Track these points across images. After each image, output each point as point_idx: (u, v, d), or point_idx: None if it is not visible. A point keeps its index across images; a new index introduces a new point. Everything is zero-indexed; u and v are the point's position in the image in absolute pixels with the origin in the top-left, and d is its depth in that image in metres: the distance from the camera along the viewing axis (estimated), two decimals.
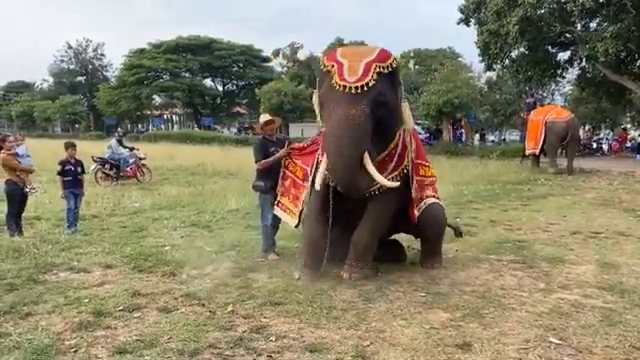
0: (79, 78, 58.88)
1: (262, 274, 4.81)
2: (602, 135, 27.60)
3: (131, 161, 13.25)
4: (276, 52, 43.00)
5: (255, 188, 5.50)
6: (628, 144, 23.48)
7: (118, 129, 18.53)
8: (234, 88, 51.08)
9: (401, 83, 4.56)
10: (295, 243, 5.83)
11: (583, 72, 21.21)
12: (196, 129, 41.79)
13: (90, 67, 58.47)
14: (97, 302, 4.05)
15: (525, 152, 15.70)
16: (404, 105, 4.47)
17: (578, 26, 18.15)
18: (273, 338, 3.42)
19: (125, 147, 13.65)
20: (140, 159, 13.51)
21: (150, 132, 41.93)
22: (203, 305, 4.02)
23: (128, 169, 13.15)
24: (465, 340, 3.37)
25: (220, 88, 50.64)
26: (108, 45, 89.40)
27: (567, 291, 4.38)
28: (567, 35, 18.85)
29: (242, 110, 53.53)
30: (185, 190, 11.31)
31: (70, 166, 7.06)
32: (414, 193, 4.76)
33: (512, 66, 20.30)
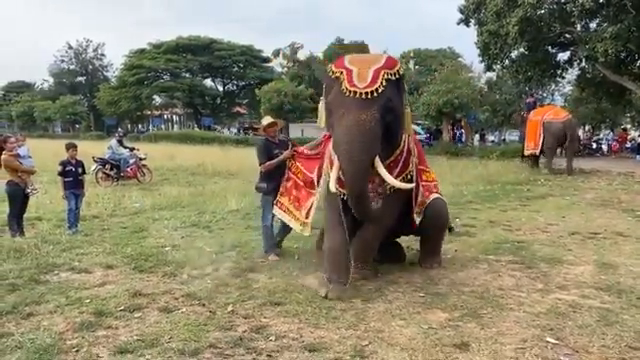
0: (79, 78, 58.97)
1: (262, 274, 4.85)
2: (602, 135, 27.58)
3: (131, 161, 13.27)
4: (276, 52, 42.97)
5: (258, 189, 5.57)
6: (628, 144, 23.51)
7: (118, 129, 18.56)
8: (234, 88, 51.14)
9: (406, 90, 4.61)
10: (295, 244, 5.87)
11: (583, 72, 21.24)
12: (196, 129, 41.89)
13: (90, 67, 58.54)
14: (98, 302, 4.08)
15: (524, 152, 15.70)
16: (406, 112, 4.53)
17: (578, 26, 18.15)
18: (273, 338, 3.45)
19: (125, 147, 13.67)
20: (140, 159, 13.54)
21: (150, 132, 42.05)
22: (203, 305, 4.05)
23: (128, 169, 13.16)
24: (463, 340, 3.40)
25: (220, 88, 50.69)
26: (108, 45, 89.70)
27: (565, 291, 4.41)
28: (567, 35, 18.87)
29: (242, 110, 53.61)
30: (185, 190, 11.31)
31: (71, 167, 7.09)
32: (420, 198, 4.80)
33: (512, 66, 20.31)
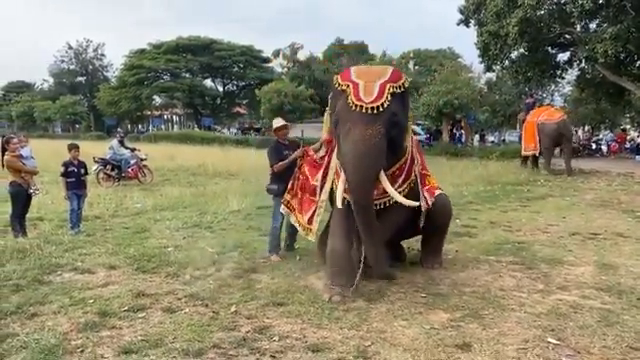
0: (79, 78, 58.89)
1: (264, 275, 4.88)
2: (601, 136, 27.60)
3: (133, 162, 13.28)
4: (276, 52, 43.05)
5: (269, 191, 5.63)
6: (627, 145, 23.51)
7: (119, 130, 18.52)
8: (234, 88, 51.07)
9: (409, 104, 4.67)
10: (296, 244, 5.89)
11: (582, 73, 21.26)
12: (196, 129, 41.84)
13: (90, 67, 58.47)
14: (102, 302, 4.11)
15: (522, 154, 15.70)
16: (409, 124, 4.60)
17: (577, 27, 18.17)
18: (276, 338, 3.48)
19: (127, 148, 13.68)
20: (141, 160, 13.56)
21: (150, 132, 42.00)
22: (207, 305, 4.08)
23: (130, 170, 13.17)
24: (465, 340, 3.43)
25: (220, 88, 50.64)
26: (108, 45, 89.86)
27: (566, 292, 4.43)
28: (567, 36, 18.88)
29: (242, 110, 53.58)
30: (186, 191, 11.32)
31: (73, 167, 7.12)
32: (425, 202, 4.83)
33: (512, 67, 20.31)
